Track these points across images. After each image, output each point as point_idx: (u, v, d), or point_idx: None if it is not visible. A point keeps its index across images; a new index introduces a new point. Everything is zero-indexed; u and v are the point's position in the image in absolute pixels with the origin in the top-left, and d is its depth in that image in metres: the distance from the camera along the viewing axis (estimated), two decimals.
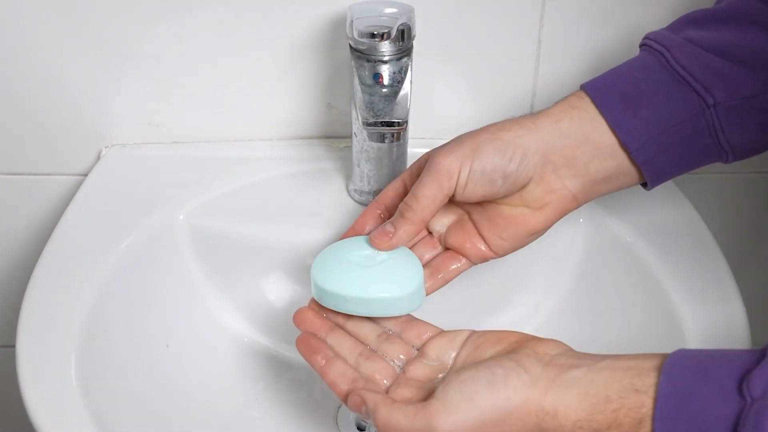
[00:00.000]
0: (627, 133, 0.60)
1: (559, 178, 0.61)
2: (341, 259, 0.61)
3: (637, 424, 0.47)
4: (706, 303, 0.67)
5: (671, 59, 0.60)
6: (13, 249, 0.91)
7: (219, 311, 0.76)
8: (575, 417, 0.48)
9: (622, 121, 0.60)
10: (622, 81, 0.62)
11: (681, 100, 0.59)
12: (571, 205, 0.62)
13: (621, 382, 0.48)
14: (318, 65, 0.79)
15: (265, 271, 0.76)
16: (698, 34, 0.61)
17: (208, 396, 0.72)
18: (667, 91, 0.60)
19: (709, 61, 0.59)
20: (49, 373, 0.62)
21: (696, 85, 0.59)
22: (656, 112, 0.60)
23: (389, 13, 0.68)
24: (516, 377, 0.50)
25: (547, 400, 0.49)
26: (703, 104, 0.59)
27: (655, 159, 0.60)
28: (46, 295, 0.68)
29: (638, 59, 0.63)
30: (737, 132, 0.60)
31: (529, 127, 0.61)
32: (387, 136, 0.67)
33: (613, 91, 0.61)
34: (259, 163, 0.81)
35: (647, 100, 0.60)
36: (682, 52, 0.60)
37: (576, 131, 0.61)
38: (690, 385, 0.46)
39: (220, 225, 0.76)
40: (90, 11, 0.76)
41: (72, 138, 0.83)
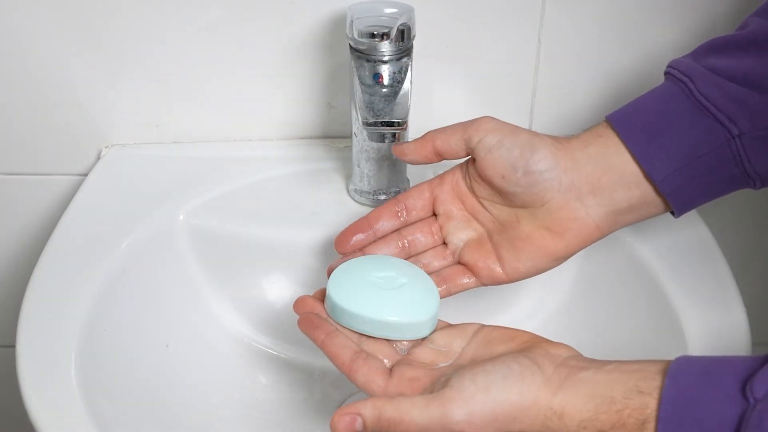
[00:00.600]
0: (652, 164, 0.59)
1: (583, 205, 0.60)
2: (360, 277, 0.60)
3: (640, 424, 0.47)
4: (707, 304, 0.67)
5: (694, 90, 0.60)
6: (13, 249, 0.91)
7: (219, 311, 0.76)
8: (580, 417, 0.49)
9: (647, 153, 0.59)
10: (645, 111, 0.61)
11: (705, 131, 0.59)
12: (594, 234, 0.61)
13: (626, 384, 0.49)
14: (318, 65, 0.79)
15: (265, 271, 0.76)
16: (721, 62, 0.60)
17: (208, 396, 0.72)
18: (691, 121, 0.59)
19: (732, 90, 0.59)
20: (49, 373, 0.62)
21: (720, 115, 0.59)
22: (681, 143, 0.59)
23: (389, 13, 0.68)
24: (531, 375, 0.50)
25: (555, 400, 0.49)
26: (728, 135, 0.59)
27: (681, 190, 0.60)
28: (46, 295, 0.68)
29: (661, 89, 0.62)
30: (764, 160, 0.59)
31: (562, 144, 0.61)
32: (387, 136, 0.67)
33: (637, 122, 0.61)
34: (259, 163, 0.81)
35: (671, 130, 0.60)
36: (704, 82, 0.59)
37: (602, 158, 0.60)
38: (694, 388, 0.47)
39: (220, 225, 0.76)
40: (90, 11, 0.76)
41: (72, 138, 0.83)
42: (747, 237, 0.94)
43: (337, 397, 0.74)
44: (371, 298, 0.59)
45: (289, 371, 0.76)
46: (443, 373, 0.54)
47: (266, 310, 0.76)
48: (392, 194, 0.77)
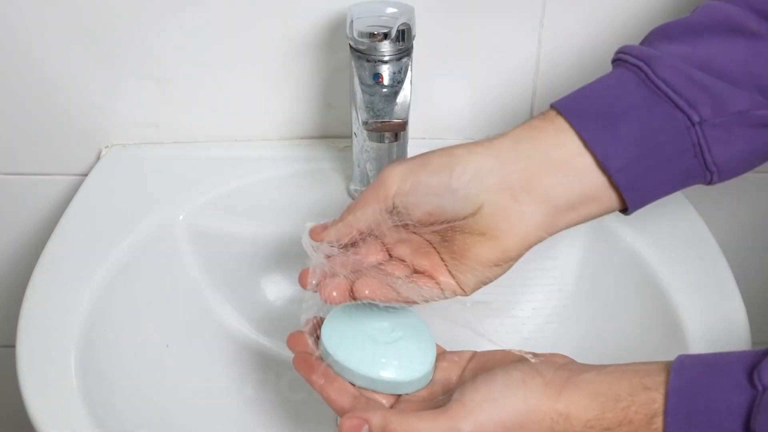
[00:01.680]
0: (606, 153, 0.54)
1: (517, 203, 0.55)
2: (356, 327, 0.57)
3: (648, 420, 0.47)
4: (707, 303, 0.68)
5: (651, 74, 0.55)
6: (13, 249, 0.91)
7: (219, 311, 0.76)
8: (586, 417, 0.49)
9: (601, 141, 0.54)
10: (598, 98, 0.56)
11: (664, 118, 0.54)
12: (531, 235, 0.55)
13: (630, 381, 0.49)
14: (318, 65, 0.79)
15: (264, 271, 0.76)
16: (675, 48, 0.56)
17: (208, 395, 0.72)
18: (648, 107, 0.54)
19: (692, 74, 0.54)
20: (49, 373, 0.62)
21: (680, 101, 0.54)
22: (637, 130, 0.54)
23: (389, 13, 0.68)
24: (531, 378, 0.50)
25: (560, 402, 0.49)
26: (688, 122, 0.54)
27: (637, 182, 0.55)
28: (46, 295, 0.68)
29: (613, 75, 0.58)
30: (724, 150, 0.55)
31: (486, 145, 0.56)
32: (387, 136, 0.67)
33: (589, 108, 0.55)
34: (259, 163, 0.81)
35: (627, 117, 0.54)
36: (662, 65, 0.55)
37: (536, 152, 0.55)
38: (700, 380, 0.47)
39: (220, 225, 0.76)
40: (91, 12, 0.76)
41: (72, 138, 0.83)
42: (747, 237, 0.94)
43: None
44: (366, 353, 0.56)
45: (289, 371, 0.75)
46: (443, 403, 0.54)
47: (266, 309, 0.76)
48: None
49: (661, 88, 0.54)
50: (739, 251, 0.79)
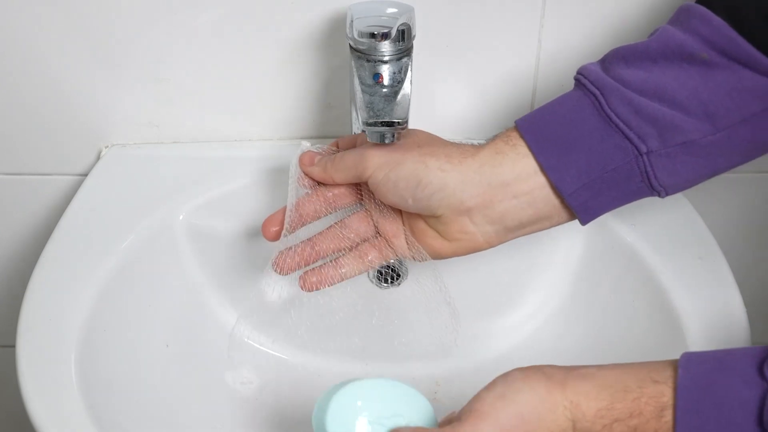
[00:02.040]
0: (560, 178, 0.59)
1: (472, 222, 0.61)
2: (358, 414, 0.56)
3: (658, 412, 0.48)
4: (706, 303, 0.68)
5: (605, 104, 0.59)
6: (13, 249, 0.91)
7: (219, 311, 0.76)
8: (597, 406, 0.49)
9: (556, 167, 0.59)
10: (556, 123, 0.61)
11: (614, 147, 0.59)
12: (482, 246, 0.63)
13: (637, 375, 0.49)
14: (318, 65, 0.79)
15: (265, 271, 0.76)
16: (630, 73, 0.60)
17: (208, 396, 0.72)
18: (601, 136, 0.59)
19: (642, 106, 0.58)
20: (49, 373, 0.62)
21: (629, 133, 0.58)
22: (590, 157, 0.59)
23: (389, 13, 0.68)
24: (533, 374, 0.51)
25: (567, 392, 0.50)
26: (636, 152, 0.58)
27: (588, 202, 0.60)
28: (46, 295, 0.68)
29: (572, 99, 0.62)
30: (669, 176, 0.59)
31: (455, 163, 0.61)
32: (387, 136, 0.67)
33: (549, 134, 0.60)
34: (259, 163, 0.81)
35: (581, 145, 0.59)
36: (615, 97, 0.59)
37: (496, 179, 0.60)
38: (708, 376, 0.47)
39: (220, 225, 0.76)
40: (90, 11, 0.76)
41: (72, 138, 0.83)
42: (747, 237, 0.94)
43: None
44: None
45: (289, 371, 0.76)
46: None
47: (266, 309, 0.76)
48: None
49: (612, 119, 0.59)
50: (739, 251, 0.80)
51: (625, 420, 0.48)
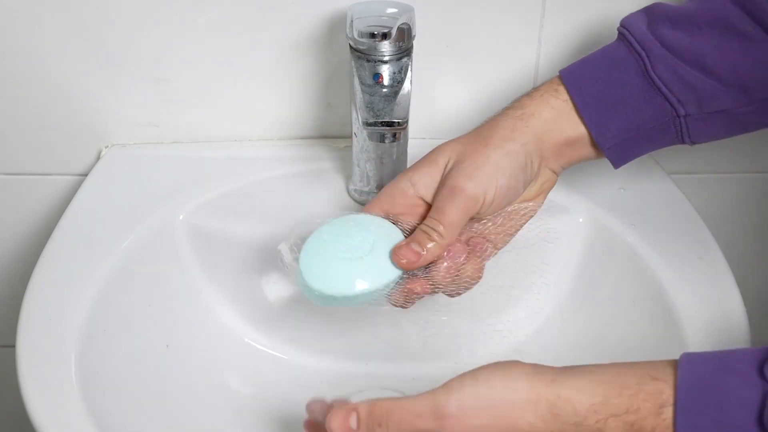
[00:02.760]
0: (601, 134, 0.64)
1: (548, 168, 0.65)
2: (329, 252, 0.61)
3: (657, 409, 0.47)
4: (706, 303, 0.67)
5: (650, 68, 0.63)
6: (13, 249, 0.91)
7: (219, 311, 0.76)
8: (590, 401, 0.48)
9: (598, 123, 0.64)
10: (600, 81, 0.64)
11: (654, 108, 0.63)
12: (554, 184, 0.67)
13: (636, 372, 0.49)
14: (318, 65, 0.79)
15: (264, 271, 0.76)
16: (674, 36, 0.63)
17: (208, 396, 0.72)
18: (643, 97, 0.63)
19: (685, 74, 0.62)
20: (49, 373, 0.62)
21: (671, 97, 0.63)
22: (630, 116, 0.64)
23: (389, 13, 0.68)
24: (521, 366, 0.51)
25: (555, 388, 0.49)
26: (675, 113, 0.63)
27: (623, 153, 0.66)
28: (46, 295, 0.68)
29: (616, 53, 0.65)
30: (702, 135, 0.65)
31: (525, 131, 0.63)
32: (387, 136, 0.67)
33: (591, 90, 0.64)
34: (259, 163, 0.81)
35: (623, 103, 0.64)
36: (660, 63, 0.63)
37: (557, 126, 0.64)
38: (709, 375, 0.47)
39: (220, 225, 0.76)
40: (90, 12, 0.76)
41: (72, 138, 0.83)
42: (747, 237, 0.94)
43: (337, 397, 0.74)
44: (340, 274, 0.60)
45: (289, 371, 0.76)
46: None
47: (266, 310, 0.76)
48: None
49: (656, 83, 0.63)
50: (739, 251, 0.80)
51: (622, 416, 0.47)
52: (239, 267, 0.76)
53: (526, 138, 0.63)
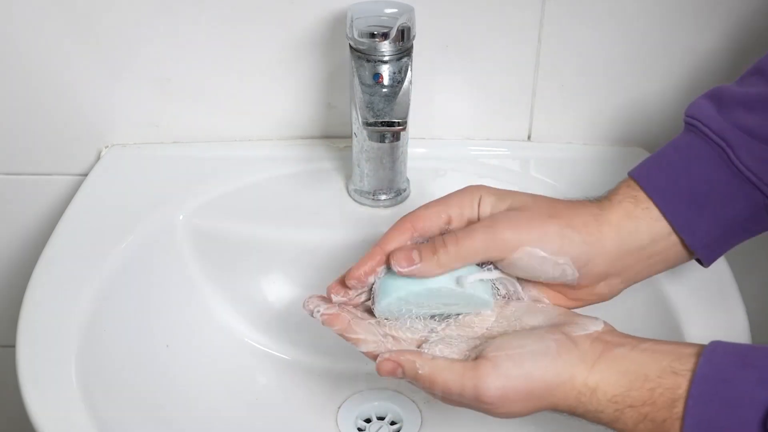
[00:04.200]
0: (692, 235, 0.59)
1: (607, 285, 0.60)
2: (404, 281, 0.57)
3: (670, 403, 0.49)
4: (707, 305, 0.68)
5: (733, 157, 0.58)
6: (13, 249, 0.91)
7: (219, 311, 0.76)
8: (613, 392, 0.50)
9: (687, 224, 0.59)
10: (683, 179, 0.59)
11: (744, 198, 0.58)
12: (604, 300, 0.61)
13: (660, 363, 0.50)
14: (318, 65, 0.79)
15: (265, 271, 0.76)
16: (752, 120, 0.58)
17: (208, 396, 0.72)
18: (731, 190, 0.58)
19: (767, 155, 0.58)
20: (49, 373, 0.62)
21: (760, 183, 0.58)
22: (720, 211, 0.59)
23: (389, 13, 0.68)
24: (567, 352, 0.52)
25: (591, 377, 0.51)
26: (766, 199, 0.58)
27: (715, 252, 0.61)
28: (46, 295, 0.68)
29: (694, 149, 0.60)
30: None
31: (596, 234, 0.58)
32: (387, 136, 0.67)
33: (675, 190, 0.59)
34: (259, 163, 0.81)
35: (711, 199, 0.59)
36: (743, 149, 0.58)
37: (634, 245, 0.59)
38: (727, 369, 0.48)
39: (220, 225, 0.76)
40: (90, 11, 0.76)
41: (72, 138, 0.83)
42: None
43: (337, 397, 0.74)
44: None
45: (289, 371, 0.76)
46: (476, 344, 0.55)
47: (266, 310, 0.76)
48: (392, 194, 0.77)
49: (743, 172, 0.58)
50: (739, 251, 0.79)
51: (638, 407, 0.49)
52: (239, 267, 0.76)
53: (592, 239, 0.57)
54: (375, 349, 0.56)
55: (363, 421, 0.73)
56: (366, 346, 0.56)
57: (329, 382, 0.75)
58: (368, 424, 0.73)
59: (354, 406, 0.74)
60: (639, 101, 0.81)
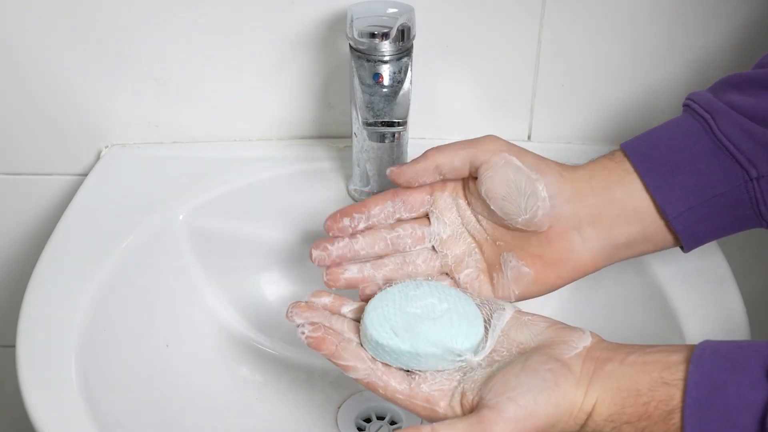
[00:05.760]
0: (666, 200, 0.58)
1: (581, 237, 0.59)
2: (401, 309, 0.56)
3: (666, 415, 0.48)
4: (706, 303, 0.67)
5: (715, 128, 0.58)
6: (13, 249, 0.91)
7: (219, 311, 0.76)
8: (608, 412, 0.50)
9: (662, 188, 0.58)
10: (664, 145, 0.59)
11: (723, 171, 0.58)
12: (587, 267, 0.60)
13: (650, 375, 0.50)
14: (318, 65, 0.79)
15: (264, 271, 0.76)
16: (741, 99, 0.59)
17: (208, 395, 0.72)
18: (709, 160, 0.58)
19: (753, 130, 0.57)
20: (49, 373, 0.62)
21: (740, 156, 0.57)
22: (697, 180, 0.58)
23: (389, 13, 0.68)
24: (564, 380, 0.51)
25: (587, 400, 0.51)
26: (747, 176, 0.57)
27: (692, 227, 0.59)
28: (46, 295, 0.68)
29: (681, 122, 0.61)
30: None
31: (567, 172, 0.59)
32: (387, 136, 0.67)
33: (655, 155, 0.59)
34: (259, 163, 0.81)
35: (688, 167, 0.58)
36: (726, 121, 0.58)
37: (605, 191, 0.59)
38: (718, 374, 0.48)
39: (220, 225, 0.76)
40: (90, 11, 0.76)
41: (72, 138, 0.83)
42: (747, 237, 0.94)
43: (337, 397, 0.74)
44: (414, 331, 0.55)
45: (289, 371, 0.76)
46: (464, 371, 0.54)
47: (266, 310, 0.76)
48: None
49: (723, 142, 0.58)
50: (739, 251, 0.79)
51: (634, 423, 0.49)
52: (239, 267, 0.76)
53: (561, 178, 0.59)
54: (365, 377, 0.55)
55: (363, 421, 0.73)
56: (356, 373, 0.55)
57: (329, 382, 0.75)
58: (368, 424, 0.73)
59: (354, 406, 0.74)
60: (639, 101, 0.81)
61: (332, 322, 0.57)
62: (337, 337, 0.56)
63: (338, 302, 0.59)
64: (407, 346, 0.54)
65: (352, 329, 0.57)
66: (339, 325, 0.58)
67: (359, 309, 0.59)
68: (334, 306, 0.59)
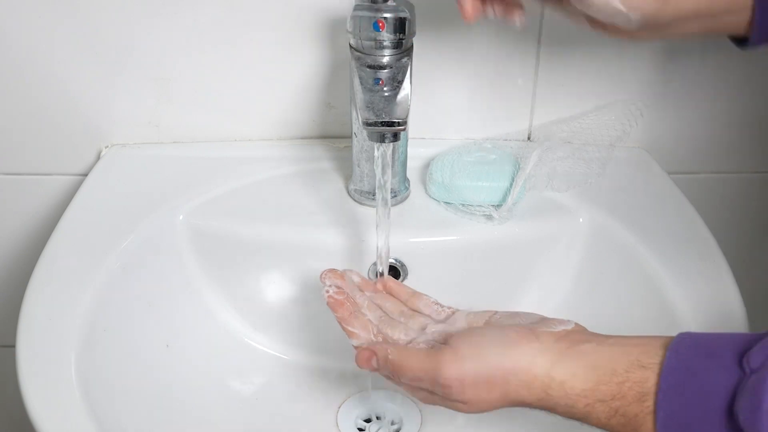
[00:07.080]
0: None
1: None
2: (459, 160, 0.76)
3: (640, 397, 0.49)
4: (706, 303, 0.67)
5: None
6: (13, 249, 0.91)
7: (219, 311, 0.76)
8: (582, 387, 0.51)
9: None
10: None
11: None
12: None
13: (628, 357, 0.50)
14: (318, 65, 0.79)
15: (264, 271, 0.76)
16: None
17: (208, 395, 0.72)
18: None
19: None
20: (49, 373, 0.62)
21: None
22: None
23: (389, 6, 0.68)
24: (526, 342, 0.53)
25: (557, 369, 0.51)
26: None
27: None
28: (46, 295, 0.68)
29: None
30: None
31: None
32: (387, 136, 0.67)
33: None
34: (259, 163, 0.81)
35: None
36: None
37: None
38: (693, 360, 0.48)
39: (220, 225, 0.76)
40: (90, 11, 0.76)
41: (72, 138, 0.83)
42: (747, 237, 0.94)
43: (337, 397, 0.74)
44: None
45: (289, 371, 0.76)
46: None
47: (266, 309, 0.76)
48: (392, 194, 0.77)
49: None
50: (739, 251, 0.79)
51: (608, 401, 0.50)
52: (239, 267, 0.76)
53: None
54: (364, 345, 0.59)
55: (363, 421, 0.73)
56: (358, 340, 0.60)
57: (329, 382, 0.75)
58: (368, 424, 0.73)
59: (354, 406, 0.74)
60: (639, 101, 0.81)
61: (356, 295, 0.63)
62: (354, 307, 0.61)
63: (366, 285, 0.65)
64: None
65: (370, 308, 0.63)
66: (361, 299, 0.63)
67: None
68: (362, 286, 0.65)
